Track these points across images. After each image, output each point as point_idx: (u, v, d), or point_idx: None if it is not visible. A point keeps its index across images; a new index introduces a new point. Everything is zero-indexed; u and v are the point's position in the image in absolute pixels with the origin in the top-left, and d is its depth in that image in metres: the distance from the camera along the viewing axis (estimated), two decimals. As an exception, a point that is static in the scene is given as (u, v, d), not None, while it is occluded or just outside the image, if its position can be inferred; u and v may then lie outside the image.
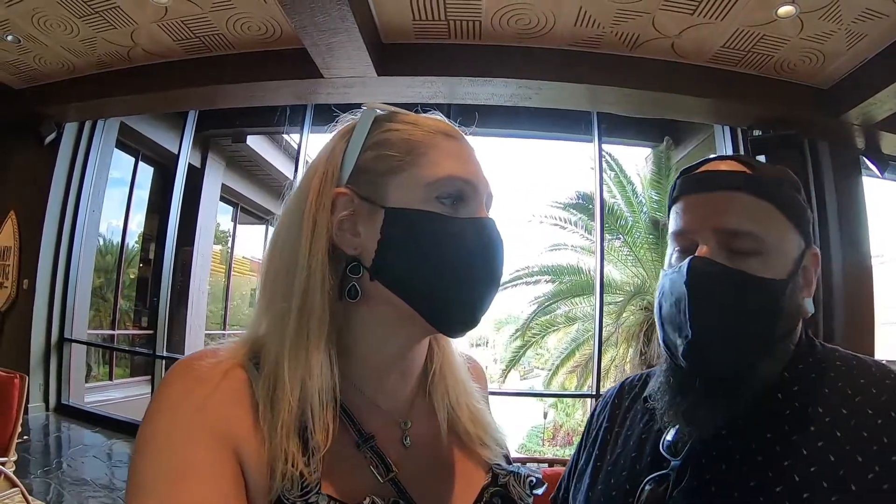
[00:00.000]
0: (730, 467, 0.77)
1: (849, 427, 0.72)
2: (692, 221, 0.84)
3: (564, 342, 11.76)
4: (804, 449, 0.73)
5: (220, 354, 0.70)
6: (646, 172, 10.04)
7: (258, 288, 0.76)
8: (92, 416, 6.24)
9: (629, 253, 10.44)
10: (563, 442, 15.56)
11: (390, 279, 0.70)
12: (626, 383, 1.08)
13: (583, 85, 4.82)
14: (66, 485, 4.44)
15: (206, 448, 0.62)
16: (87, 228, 6.66)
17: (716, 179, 0.84)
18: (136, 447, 0.63)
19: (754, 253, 0.79)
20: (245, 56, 5.12)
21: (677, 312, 0.80)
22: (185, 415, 0.63)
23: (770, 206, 0.81)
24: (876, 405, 0.72)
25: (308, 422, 0.66)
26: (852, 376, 0.78)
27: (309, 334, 0.68)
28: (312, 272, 0.69)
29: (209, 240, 10.27)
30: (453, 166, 0.72)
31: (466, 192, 0.72)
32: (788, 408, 0.78)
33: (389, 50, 4.71)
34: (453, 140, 0.75)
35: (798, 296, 0.82)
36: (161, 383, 0.67)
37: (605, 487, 0.91)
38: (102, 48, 5.19)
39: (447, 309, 0.70)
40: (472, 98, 5.14)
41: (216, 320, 12.01)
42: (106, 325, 9.07)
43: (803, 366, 0.81)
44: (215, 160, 10.05)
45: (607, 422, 1.02)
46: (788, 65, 4.66)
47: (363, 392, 0.74)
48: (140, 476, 0.60)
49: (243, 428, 0.64)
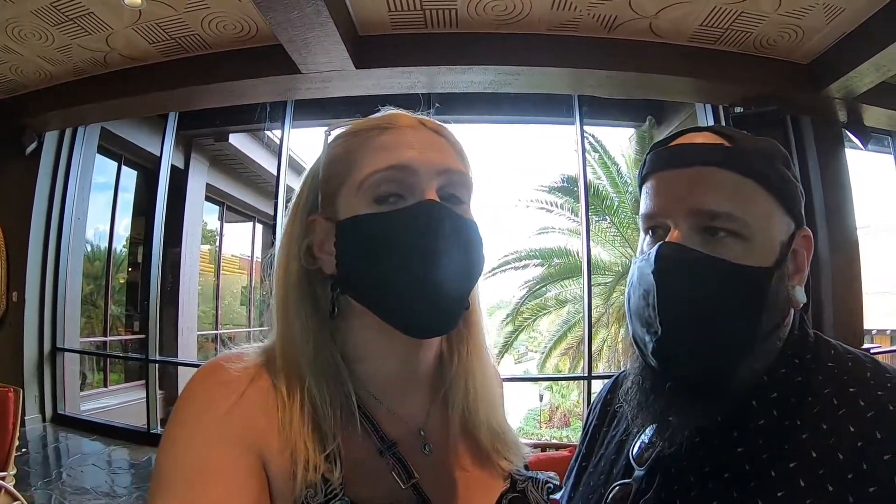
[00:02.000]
0: (699, 480, 0.71)
1: (827, 446, 0.64)
2: (663, 202, 0.74)
3: (556, 325, 11.89)
4: (773, 470, 0.66)
5: (246, 359, 0.72)
6: (630, 153, 10.10)
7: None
8: (89, 425, 6.24)
9: (616, 233, 10.53)
10: (559, 423, 15.72)
11: (352, 291, 0.71)
12: (620, 377, 0.97)
13: (562, 69, 4.80)
14: (68, 495, 4.45)
15: (231, 452, 0.63)
16: (74, 236, 6.61)
17: (690, 153, 0.74)
18: (161, 448, 0.65)
19: (734, 237, 0.70)
20: (222, 55, 5.06)
21: (645, 306, 0.72)
22: (211, 419, 0.64)
23: (753, 182, 0.71)
24: (860, 423, 0.64)
25: (322, 421, 0.68)
26: (842, 383, 0.69)
27: (298, 349, 0.71)
28: (289, 293, 0.73)
29: (197, 240, 10.23)
30: (380, 159, 0.70)
31: (402, 179, 0.70)
32: (764, 417, 0.70)
33: (367, 42, 4.67)
34: (388, 131, 0.73)
35: (786, 285, 0.73)
36: (187, 386, 0.69)
37: (585, 489, 0.87)
38: (79, 55, 5.13)
39: (405, 310, 0.69)
40: (452, 86, 5.10)
41: (208, 320, 11.99)
42: (98, 331, 9.04)
43: (786, 369, 0.72)
44: (199, 160, 9.99)
45: (597, 419, 0.97)
46: (768, 41, 4.64)
47: (381, 401, 0.75)
48: (164, 476, 0.62)
49: (268, 434, 0.66)
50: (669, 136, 0.81)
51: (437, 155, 0.72)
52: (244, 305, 14.59)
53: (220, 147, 10.00)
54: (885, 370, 0.69)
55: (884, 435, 0.62)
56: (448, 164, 0.72)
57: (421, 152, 0.71)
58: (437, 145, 0.74)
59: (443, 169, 0.71)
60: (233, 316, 14.13)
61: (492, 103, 6.09)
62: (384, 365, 0.75)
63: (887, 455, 0.60)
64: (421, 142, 0.72)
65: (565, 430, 15.00)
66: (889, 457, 0.60)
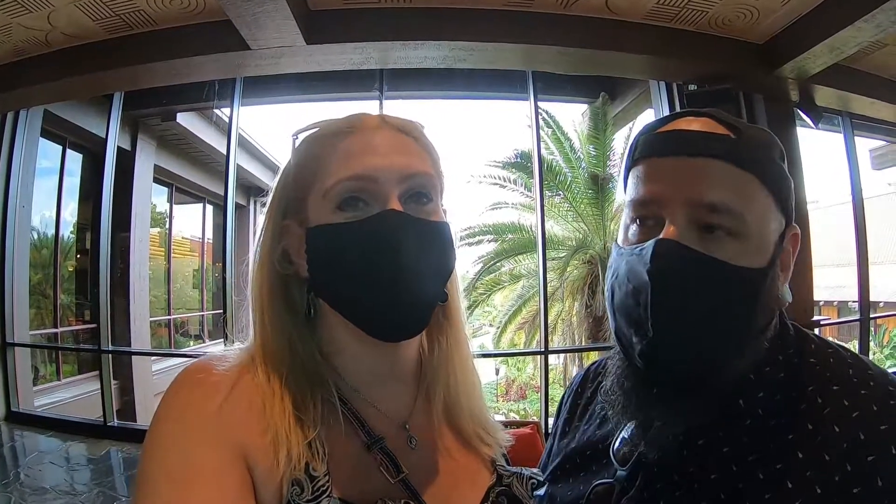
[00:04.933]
0: (684, 481, 0.69)
1: (813, 447, 0.63)
2: (659, 190, 0.70)
3: (511, 299, 12.17)
4: (760, 472, 0.64)
5: (229, 361, 0.73)
6: (583, 128, 10.22)
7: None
8: (44, 421, 6.07)
9: (570, 208, 10.70)
10: (516, 396, 16.09)
11: (323, 294, 0.74)
12: (590, 370, 0.98)
13: (517, 45, 4.74)
14: (27, 495, 4.36)
15: (214, 454, 0.63)
16: (19, 224, 6.35)
17: (692, 141, 0.70)
18: (143, 451, 0.65)
19: (731, 235, 0.67)
20: (168, 32, 4.85)
21: (635, 305, 0.68)
22: (196, 419, 0.65)
23: (754, 178, 0.68)
24: (845, 423, 0.63)
25: (302, 413, 0.69)
26: (826, 380, 0.67)
27: (277, 349, 0.73)
28: (265, 295, 0.76)
29: (146, 223, 10.01)
30: (342, 169, 0.71)
31: (365, 187, 0.70)
32: (751, 417, 0.68)
33: (318, 17, 4.52)
34: (348, 136, 0.73)
35: (777, 284, 0.71)
36: (170, 388, 0.69)
37: (564, 486, 0.84)
38: (18, 34, 4.85)
39: (369, 316, 0.71)
40: (405, 62, 5.00)
41: (160, 305, 11.83)
42: (48, 323, 8.74)
43: (770, 367, 0.70)
44: (146, 141, 9.73)
45: (567, 413, 0.96)
46: (723, 20, 4.66)
47: (364, 397, 0.77)
48: (147, 479, 0.62)
49: (253, 433, 0.66)
50: (660, 120, 0.77)
51: (401, 159, 0.72)
52: (196, 288, 14.42)
53: (168, 127, 9.75)
54: (867, 366, 0.68)
55: (867, 436, 0.61)
56: (412, 167, 0.73)
57: (385, 157, 0.71)
58: (402, 147, 0.74)
59: (406, 174, 0.72)
60: (185, 300, 13.99)
61: (445, 79, 6.00)
62: (363, 361, 0.77)
63: (871, 456, 0.59)
64: (385, 145, 0.73)
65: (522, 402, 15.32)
66: (873, 458, 0.59)
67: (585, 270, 10.68)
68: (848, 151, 6.61)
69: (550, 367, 11.60)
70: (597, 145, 9.79)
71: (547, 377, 6.40)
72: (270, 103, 7.07)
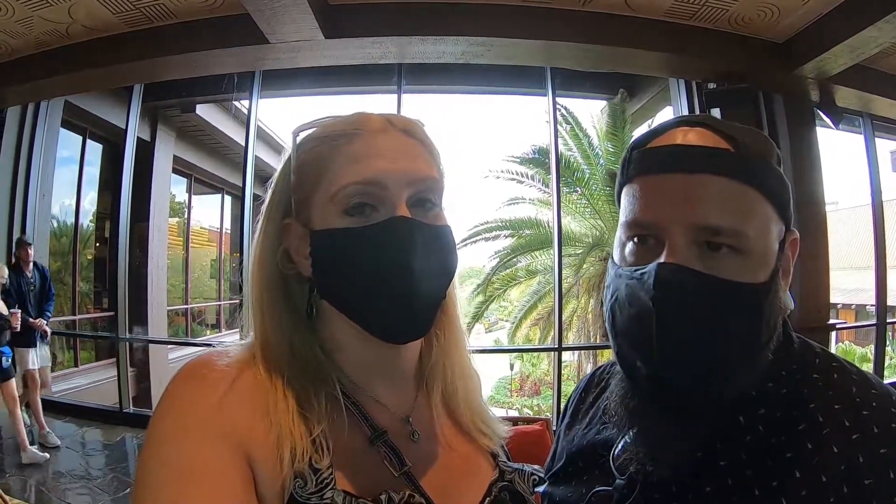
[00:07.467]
0: (680, 492, 0.68)
1: (811, 467, 0.62)
2: (657, 212, 0.67)
3: (526, 295, 12.07)
4: (756, 488, 0.63)
5: (231, 356, 0.72)
6: (601, 125, 10.16)
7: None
8: (61, 406, 6.14)
9: (587, 205, 10.62)
10: (530, 392, 16.01)
11: (329, 297, 0.73)
12: (596, 374, 0.96)
13: (535, 41, 4.72)
14: (43, 479, 4.41)
15: (215, 450, 0.63)
16: (39, 213, 6.47)
17: (690, 157, 0.67)
18: (143, 446, 0.64)
19: (734, 252, 0.65)
20: (187, 25, 4.88)
21: (639, 329, 0.66)
22: (197, 416, 0.64)
23: (754, 191, 0.66)
24: (844, 445, 0.62)
25: (306, 409, 0.69)
26: (828, 399, 0.66)
27: (277, 346, 0.73)
28: (265, 294, 0.75)
29: (164, 213, 10.11)
30: (351, 172, 0.70)
31: (373, 192, 0.70)
32: (750, 433, 0.67)
33: (336, 11, 4.53)
34: (357, 137, 0.73)
35: (780, 294, 0.68)
36: (171, 383, 0.69)
37: (565, 489, 0.84)
38: (40, 27, 4.91)
39: (378, 319, 0.71)
40: (423, 57, 5.00)
41: (178, 294, 11.94)
42: (66, 310, 8.88)
43: (773, 383, 0.69)
44: (165, 132, 9.81)
45: (570, 417, 0.95)
46: (743, 18, 4.61)
47: (366, 391, 0.77)
48: (147, 475, 0.62)
49: (255, 430, 0.66)
50: (653, 132, 0.74)
51: (408, 163, 0.72)
52: (214, 278, 14.53)
53: (187, 118, 9.85)
54: (871, 385, 0.67)
55: (866, 459, 0.60)
56: (419, 172, 0.72)
57: (392, 161, 0.71)
58: (408, 150, 0.73)
59: (413, 179, 0.71)
60: (203, 289, 14.09)
61: (463, 74, 5.98)
62: (365, 358, 0.77)
63: (868, 480, 0.59)
64: (391, 149, 0.72)
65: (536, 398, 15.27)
66: (870, 482, 0.59)
67: (601, 268, 10.62)
68: (868, 153, 6.53)
69: (564, 363, 11.57)
70: (615, 142, 9.72)
71: (560, 374, 6.40)
72: (289, 96, 7.10)
